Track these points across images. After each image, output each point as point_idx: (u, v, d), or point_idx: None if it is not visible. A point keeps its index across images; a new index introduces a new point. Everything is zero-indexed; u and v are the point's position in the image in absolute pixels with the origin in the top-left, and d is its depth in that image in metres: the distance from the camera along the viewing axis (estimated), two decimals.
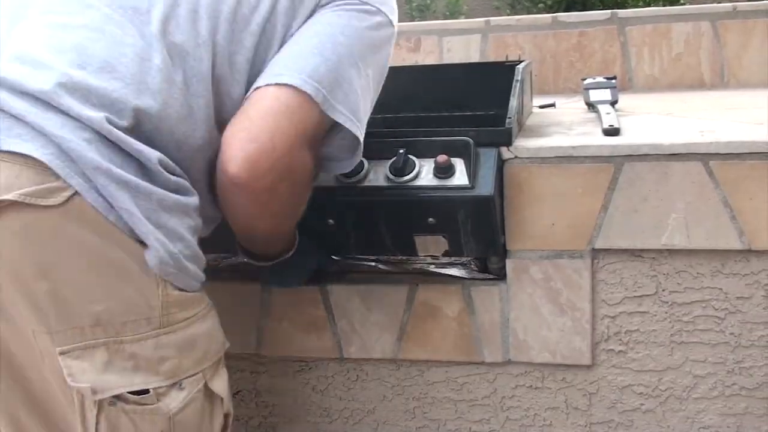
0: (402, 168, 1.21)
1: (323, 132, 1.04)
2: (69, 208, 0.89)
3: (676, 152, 1.19)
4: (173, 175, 0.96)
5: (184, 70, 0.97)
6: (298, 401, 1.47)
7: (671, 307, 1.27)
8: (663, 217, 1.22)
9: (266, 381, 1.48)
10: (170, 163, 0.96)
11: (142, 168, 0.92)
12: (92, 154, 0.88)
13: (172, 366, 0.97)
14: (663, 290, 1.26)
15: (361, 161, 1.23)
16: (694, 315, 1.26)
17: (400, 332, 1.36)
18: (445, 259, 1.33)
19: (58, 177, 0.88)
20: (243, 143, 0.95)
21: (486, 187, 1.19)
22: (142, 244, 0.92)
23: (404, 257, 1.35)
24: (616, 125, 1.31)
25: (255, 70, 1.02)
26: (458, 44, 2.27)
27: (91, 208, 0.89)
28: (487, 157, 1.22)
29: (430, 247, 1.28)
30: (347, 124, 1.02)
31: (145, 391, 0.95)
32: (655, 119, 1.50)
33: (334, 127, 1.04)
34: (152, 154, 0.93)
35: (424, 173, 1.22)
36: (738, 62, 2.10)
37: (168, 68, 0.95)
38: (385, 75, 1.14)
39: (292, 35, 1.04)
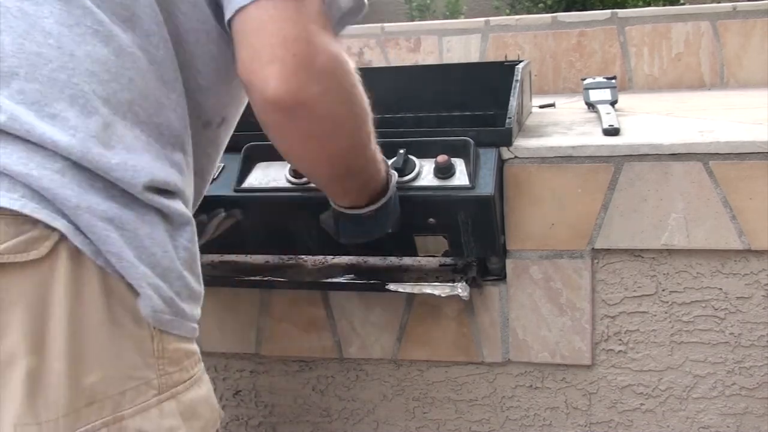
0: (402, 168, 1.21)
1: None
2: (55, 258, 0.74)
3: (676, 152, 1.19)
4: (167, 198, 0.81)
5: (122, 16, 0.81)
6: (298, 401, 1.47)
7: (671, 307, 1.27)
8: (663, 217, 1.22)
9: (266, 381, 1.48)
10: (160, 180, 0.80)
11: (126, 195, 0.78)
12: (68, 190, 0.74)
13: None
14: (663, 290, 1.26)
15: None
16: (694, 315, 1.26)
17: (400, 332, 1.36)
18: (447, 260, 1.33)
19: (35, 222, 0.73)
20: (264, 72, 0.80)
21: (486, 187, 1.19)
22: (133, 290, 0.78)
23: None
24: (615, 125, 1.31)
25: None
26: (458, 44, 2.27)
27: (79, 254, 0.75)
28: (487, 158, 1.22)
29: (430, 247, 1.28)
30: None
31: None
32: (654, 119, 1.50)
33: None
34: (137, 179, 0.78)
35: (425, 173, 1.22)
36: (738, 62, 2.10)
37: (104, 25, 0.79)
38: None
39: None
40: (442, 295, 1.26)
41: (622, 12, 2.17)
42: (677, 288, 1.25)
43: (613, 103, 1.59)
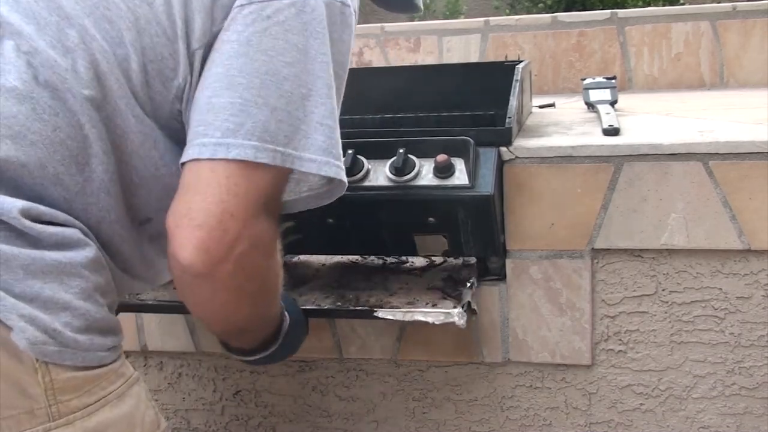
0: (402, 167, 1.21)
1: (286, 182, 0.88)
2: None
3: (676, 152, 1.19)
4: (50, 224, 0.78)
5: (53, 83, 0.79)
6: (298, 401, 1.47)
7: (671, 307, 1.27)
8: (663, 217, 1.22)
9: (266, 381, 1.48)
10: (43, 210, 0.78)
11: (1, 228, 0.75)
12: None
13: None
14: (663, 290, 1.26)
15: (361, 161, 1.23)
16: (693, 315, 1.26)
17: (400, 332, 1.36)
18: (439, 280, 1.32)
19: None
20: (188, 231, 0.80)
21: (486, 186, 1.19)
22: (5, 324, 0.74)
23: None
24: (615, 125, 1.31)
25: (162, 79, 0.85)
26: (458, 44, 2.27)
27: None
28: (487, 157, 1.22)
29: (430, 246, 1.28)
30: (322, 171, 0.85)
31: None
32: (654, 119, 1.50)
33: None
34: (9, 205, 0.75)
35: (424, 173, 1.22)
36: (737, 62, 2.10)
37: (27, 84, 0.78)
38: (348, 61, 0.92)
39: (209, 44, 0.84)
40: (436, 323, 1.20)
41: (621, 12, 2.17)
42: (677, 288, 1.26)
43: (612, 103, 1.59)
